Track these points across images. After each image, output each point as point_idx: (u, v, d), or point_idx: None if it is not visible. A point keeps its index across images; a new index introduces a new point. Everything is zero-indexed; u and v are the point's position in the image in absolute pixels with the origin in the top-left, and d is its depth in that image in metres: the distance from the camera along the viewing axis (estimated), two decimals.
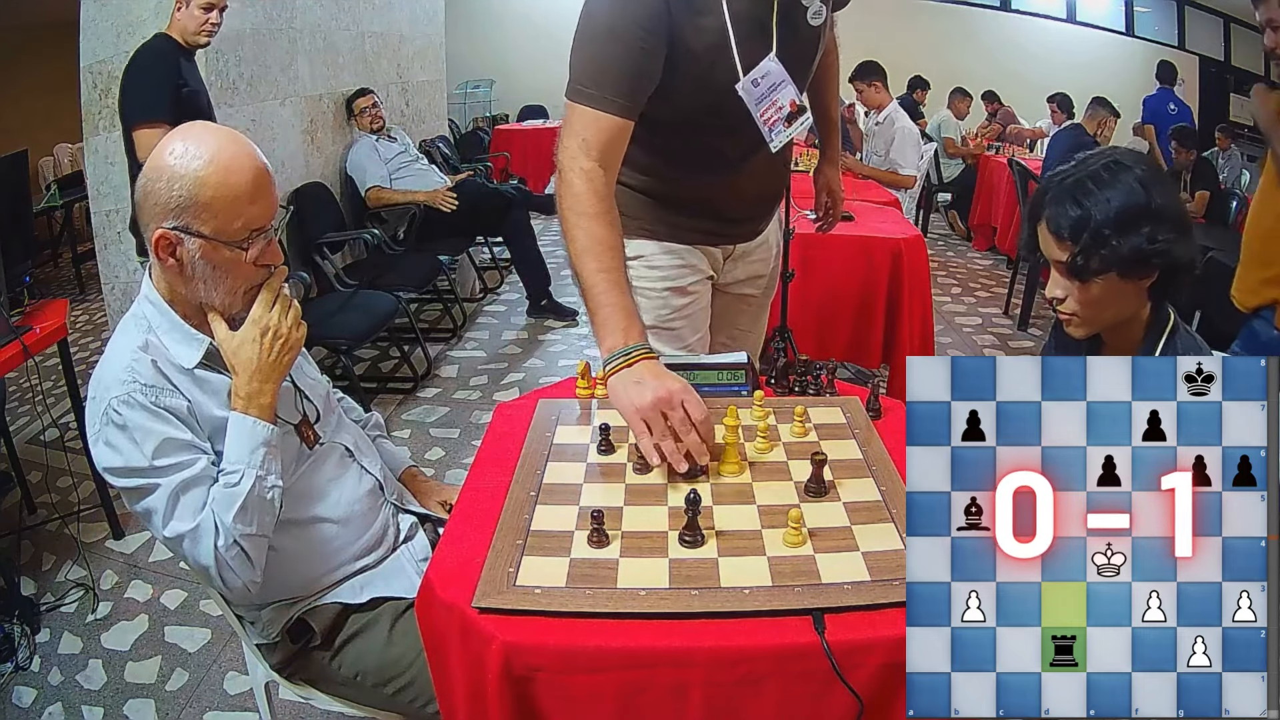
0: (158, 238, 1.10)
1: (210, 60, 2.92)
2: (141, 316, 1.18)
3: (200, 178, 1.09)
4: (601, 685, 0.92)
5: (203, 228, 1.10)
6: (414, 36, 5.66)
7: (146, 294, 1.19)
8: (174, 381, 1.15)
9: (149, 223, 1.11)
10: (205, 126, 1.15)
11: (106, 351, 1.18)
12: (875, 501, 1.16)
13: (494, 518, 1.11)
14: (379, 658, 1.24)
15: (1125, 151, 1.14)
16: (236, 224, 1.12)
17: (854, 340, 2.99)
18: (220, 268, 1.14)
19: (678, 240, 1.65)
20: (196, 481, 1.12)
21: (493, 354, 3.94)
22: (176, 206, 1.09)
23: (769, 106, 1.45)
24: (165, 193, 1.09)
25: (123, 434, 1.10)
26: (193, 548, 1.12)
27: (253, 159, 1.13)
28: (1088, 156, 1.14)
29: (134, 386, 1.10)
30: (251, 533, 1.13)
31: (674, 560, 1.03)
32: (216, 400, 1.18)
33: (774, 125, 1.47)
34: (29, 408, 3.32)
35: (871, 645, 0.91)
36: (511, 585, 0.98)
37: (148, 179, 1.11)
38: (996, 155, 5.90)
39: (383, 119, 4.30)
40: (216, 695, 1.87)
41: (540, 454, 1.29)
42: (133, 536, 2.46)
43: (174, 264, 1.13)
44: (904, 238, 2.92)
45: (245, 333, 1.16)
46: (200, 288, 1.15)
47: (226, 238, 1.12)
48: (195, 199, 1.09)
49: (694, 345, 1.75)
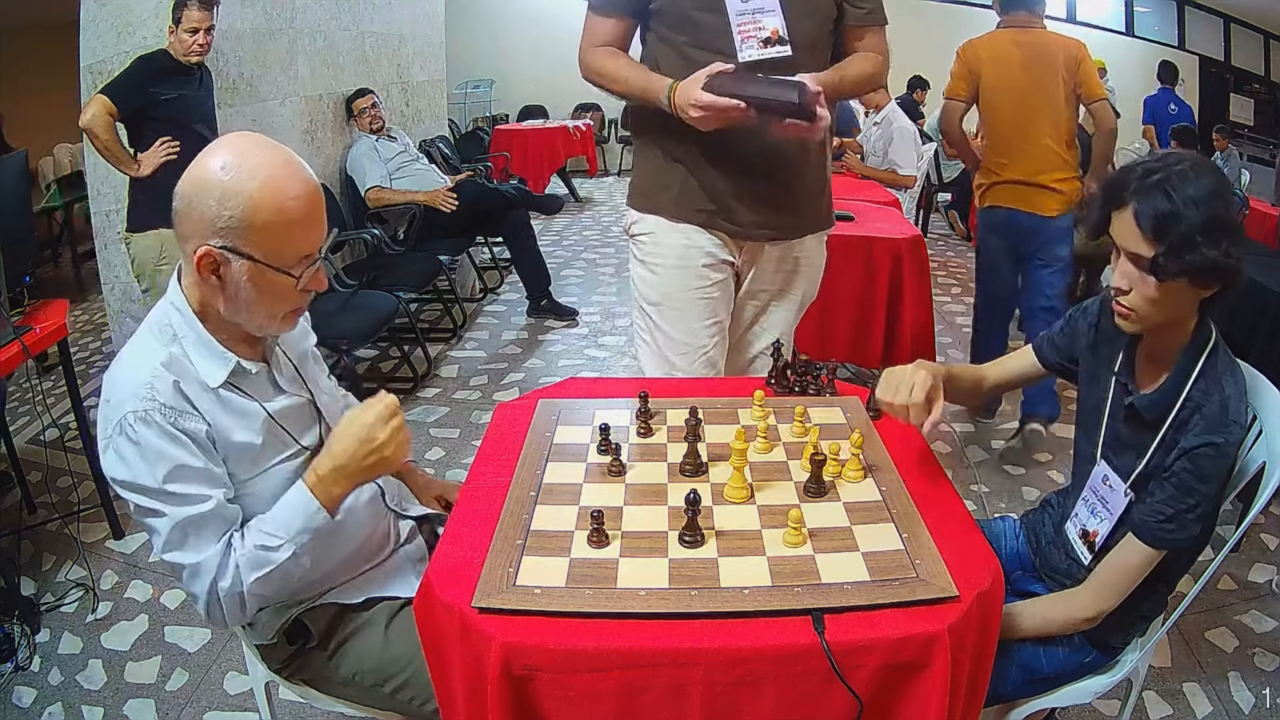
0: (202, 254, 1.04)
1: (210, 60, 2.93)
2: (167, 324, 1.12)
3: (254, 199, 1.03)
4: (601, 685, 0.92)
5: (253, 250, 1.05)
6: (414, 36, 5.66)
7: (174, 301, 1.13)
8: (196, 404, 1.09)
9: (190, 236, 1.05)
10: (258, 141, 1.08)
11: (126, 353, 1.13)
12: (875, 501, 1.16)
13: (494, 518, 1.12)
14: (376, 658, 1.23)
15: (1204, 159, 1.14)
16: (289, 250, 1.07)
17: (854, 340, 2.99)
18: (265, 291, 1.08)
19: (688, 220, 1.73)
20: (206, 520, 1.08)
21: (493, 354, 3.94)
22: (225, 226, 1.03)
23: (750, 23, 1.57)
24: (215, 209, 1.03)
25: (135, 450, 1.05)
26: (190, 580, 1.09)
27: (308, 182, 1.08)
28: (1168, 154, 1.13)
29: (152, 405, 1.05)
30: (262, 594, 1.12)
31: (674, 560, 1.03)
32: (238, 423, 1.13)
33: (748, 40, 1.58)
34: (29, 408, 3.32)
35: (871, 645, 0.91)
36: (511, 585, 0.98)
37: (192, 191, 1.04)
38: None
39: (382, 119, 4.30)
40: (216, 695, 1.87)
41: (540, 454, 1.29)
42: (133, 536, 2.46)
43: (215, 281, 1.07)
44: (904, 238, 2.92)
45: (357, 428, 1.12)
46: (239, 308, 1.09)
47: (276, 262, 1.07)
48: (247, 221, 1.03)
49: (699, 330, 1.76)
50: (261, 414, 1.15)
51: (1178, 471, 1.12)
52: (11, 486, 2.67)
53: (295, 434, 1.20)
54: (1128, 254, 1.11)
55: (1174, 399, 1.14)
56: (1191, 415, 1.12)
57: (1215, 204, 1.05)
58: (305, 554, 1.12)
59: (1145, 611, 1.27)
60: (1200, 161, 1.09)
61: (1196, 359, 1.14)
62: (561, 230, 6.48)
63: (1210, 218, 1.04)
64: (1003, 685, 1.24)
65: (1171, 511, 1.12)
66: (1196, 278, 1.07)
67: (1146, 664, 1.32)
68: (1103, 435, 1.26)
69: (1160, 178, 1.07)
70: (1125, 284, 1.12)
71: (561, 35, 1.24)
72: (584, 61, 1.72)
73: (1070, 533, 1.31)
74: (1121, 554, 1.18)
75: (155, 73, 2.69)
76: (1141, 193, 1.07)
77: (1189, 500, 1.11)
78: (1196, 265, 1.05)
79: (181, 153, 2.71)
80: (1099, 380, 1.28)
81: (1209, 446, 1.09)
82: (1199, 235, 1.03)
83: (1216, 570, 1.95)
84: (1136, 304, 1.12)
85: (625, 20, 1.70)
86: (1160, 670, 1.91)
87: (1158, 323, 1.14)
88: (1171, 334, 1.16)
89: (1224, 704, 1.82)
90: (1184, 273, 1.06)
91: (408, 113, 5.56)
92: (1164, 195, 1.06)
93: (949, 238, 6.34)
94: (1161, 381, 1.16)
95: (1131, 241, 1.09)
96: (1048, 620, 1.24)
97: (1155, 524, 1.13)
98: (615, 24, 1.69)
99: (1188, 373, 1.14)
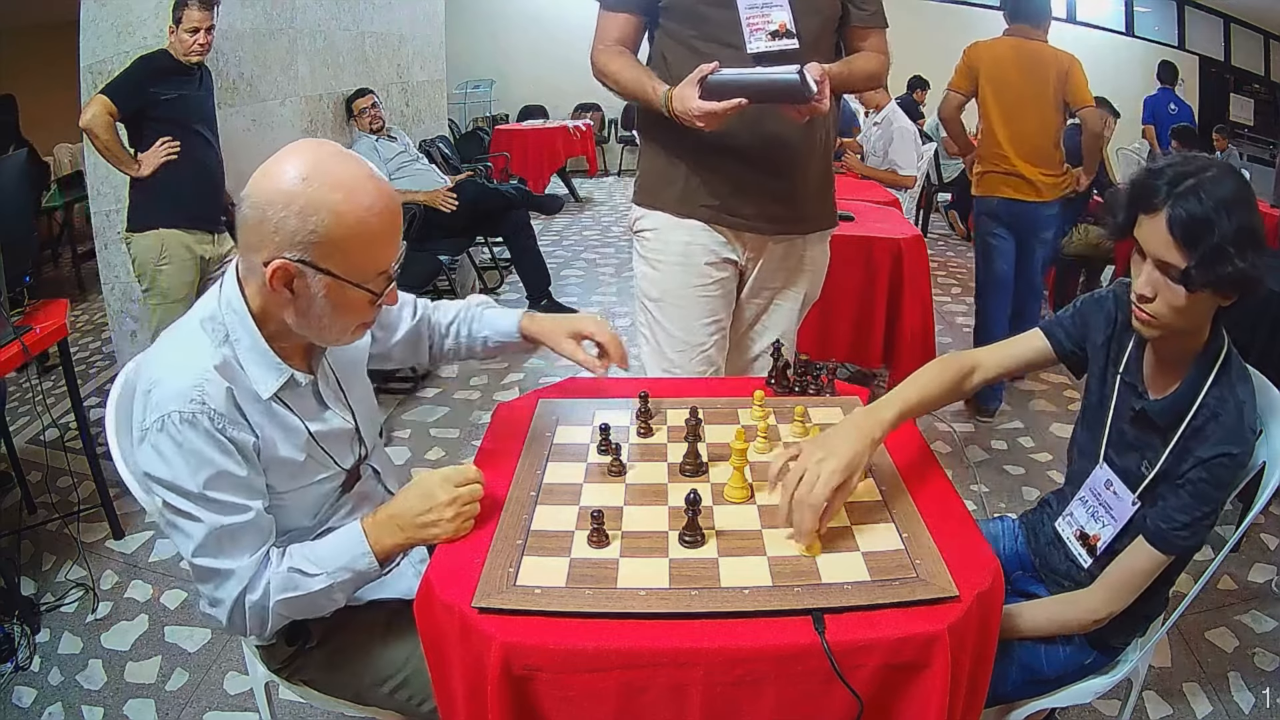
0: (276, 267, 1.00)
1: (210, 60, 2.93)
2: (220, 324, 1.08)
3: (338, 213, 0.99)
4: (601, 685, 0.92)
5: (332, 266, 1.01)
6: (414, 36, 5.66)
7: (231, 301, 1.08)
8: (247, 414, 1.06)
9: (262, 246, 1.01)
10: (336, 151, 1.04)
11: (171, 344, 1.10)
12: (875, 501, 1.16)
13: (494, 518, 1.12)
14: (375, 658, 1.23)
15: (1227, 164, 1.10)
16: (369, 265, 1.04)
17: (854, 340, 2.99)
18: (341, 306, 1.05)
19: (692, 216, 1.74)
20: (243, 531, 1.06)
21: None
22: (303, 241, 0.99)
23: (759, 16, 1.59)
24: (295, 223, 0.98)
25: (177, 450, 1.01)
26: (216, 586, 1.07)
27: (390, 196, 1.05)
28: (1195, 158, 1.08)
29: (201, 409, 1.02)
30: (285, 614, 1.11)
31: (674, 560, 1.03)
32: (283, 436, 1.11)
33: (756, 31, 1.60)
34: (29, 408, 3.32)
35: (871, 645, 0.91)
36: (511, 585, 0.98)
37: (266, 201, 0.99)
38: None
39: (382, 119, 4.30)
40: (216, 695, 1.87)
41: (540, 454, 1.29)
42: (133, 536, 2.46)
43: (288, 294, 1.03)
44: (904, 238, 2.92)
45: (424, 484, 1.10)
46: (311, 322, 1.06)
47: (355, 278, 1.03)
48: (330, 236, 0.99)
49: (698, 328, 1.77)
50: (304, 433, 1.14)
51: (1194, 480, 1.11)
52: (11, 486, 2.68)
53: (336, 456, 1.20)
54: (1156, 261, 1.07)
55: (1188, 406, 1.13)
56: (1207, 423, 1.11)
57: (1246, 212, 1.02)
58: (340, 591, 1.11)
59: (1146, 612, 1.27)
60: (1226, 165, 1.06)
61: (1210, 365, 1.13)
62: (561, 230, 6.48)
63: (1241, 227, 1.01)
64: (1003, 685, 1.24)
65: (1187, 519, 1.12)
66: (1223, 288, 1.05)
67: (1146, 664, 1.32)
68: (1107, 434, 1.26)
69: (1193, 184, 1.02)
70: (1150, 291, 1.08)
71: (561, 35, 1.24)
72: (594, 60, 1.73)
73: (1065, 531, 1.31)
74: (1133, 557, 1.17)
75: (155, 73, 2.69)
76: (1174, 199, 1.03)
77: (1204, 508, 1.11)
78: (1227, 277, 1.02)
79: (181, 153, 2.71)
80: (1105, 377, 1.28)
81: (1226, 456, 1.09)
82: (1231, 246, 1.00)
83: (1216, 570, 1.95)
84: (1161, 311, 1.08)
85: (636, 17, 1.71)
86: (1160, 670, 1.91)
87: (1177, 329, 1.11)
88: (1186, 340, 1.14)
89: (1224, 704, 1.82)
90: (1213, 284, 1.03)
91: (408, 113, 5.57)
92: (1197, 201, 1.01)
93: (949, 238, 6.34)
94: (1175, 387, 1.15)
95: (1162, 248, 1.05)
96: (1052, 620, 1.24)
97: (1170, 530, 1.13)
98: (626, 21, 1.71)
99: (1202, 379, 1.12)
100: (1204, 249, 1.01)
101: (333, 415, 1.20)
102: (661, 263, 1.78)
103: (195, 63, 2.75)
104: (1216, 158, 1.14)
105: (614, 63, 1.69)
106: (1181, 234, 1.02)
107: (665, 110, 1.57)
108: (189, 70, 2.75)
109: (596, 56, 1.72)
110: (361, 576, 1.12)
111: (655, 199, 1.77)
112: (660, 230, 1.77)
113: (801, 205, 1.77)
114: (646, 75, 1.64)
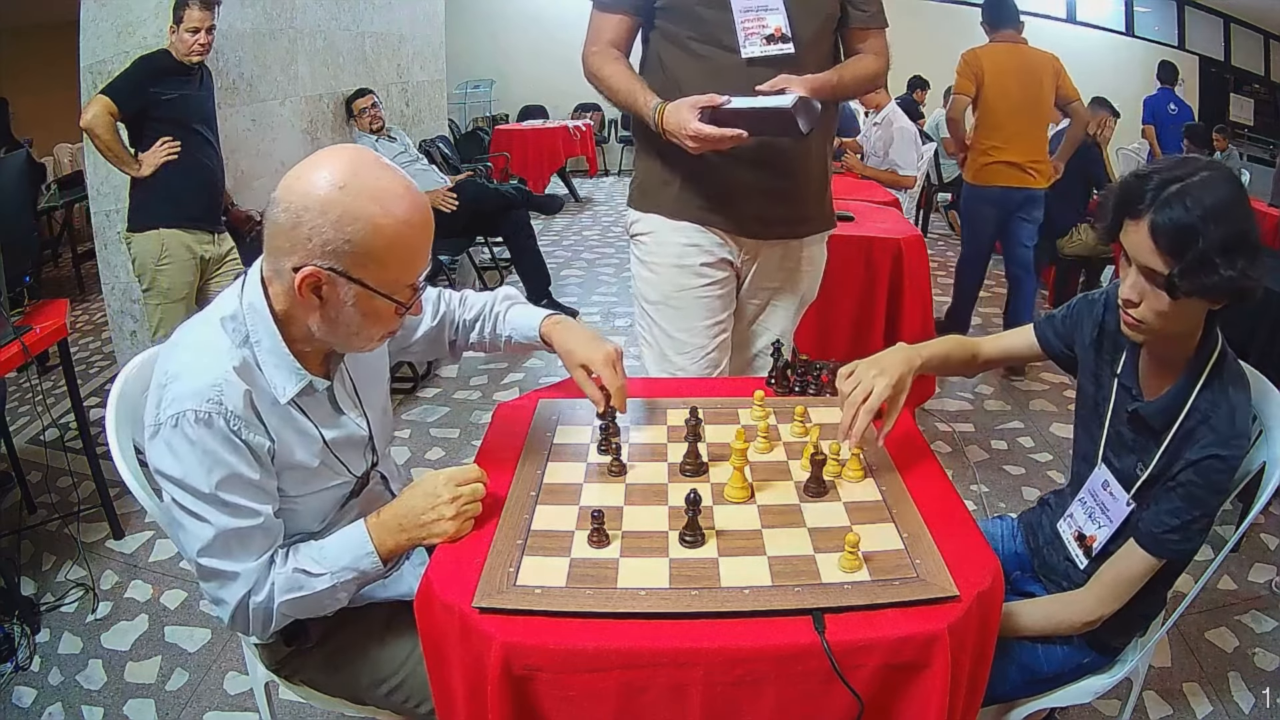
0: (306, 274, 0.99)
1: (210, 60, 2.93)
2: (242, 323, 1.06)
3: (376, 225, 0.98)
4: (601, 685, 0.92)
5: (365, 276, 1.00)
6: (414, 36, 5.66)
7: (254, 302, 1.06)
8: (264, 418, 1.06)
9: (293, 251, 0.99)
10: (374, 160, 1.02)
11: (188, 339, 1.08)
12: (875, 501, 1.16)
13: (494, 518, 1.12)
14: (373, 658, 1.24)
15: (1222, 165, 1.08)
16: (401, 277, 1.04)
17: (854, 340, 2.98)
18: (368, 316, 1.04)
19: (688, 218, 1.73)
20: (251, 535, 1.05)
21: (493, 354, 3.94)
22: (338, 250, 0.98)
23: (753, 19, 1.59)
24: (331, 231, 0.97)
25: (191, 448, 1.00)
26: (220, 586, 1.06)
27: (425, 209, 1.04)
28: (1186, 160, 1.06)
29: (217, 409, 1.00)
30: (289, 614, 1.11)
31: (674, 560, 1.03)
32: (298, 441, 1.10)
33: (751, 36, 1.60)
34: (29, 408, 3.32)
35: (871, 645, 0.91)
36: (511, 585, 0.98)
37: (303, 207, 0.97)
38: None
39: (382, 119, 4.30)
40: (216, 695, 1.87)
41: (540, 454, 1.29)
42: (133, 536, 2.46)
43: (315, 301, 1.02)
44: (904, 238, 2.92)
45: (427, 483, 1.10)
46: (336, 329, 1.05)
47: (386, 289, 1.03)
48: (365, 247, 0.98)
49: (699, 330, 1.77)
50: (319, 439, 1.14)
51: (1184, 483, 1.10)
52: (11, 486, 2.68)
53: (348, 463, 1.20)
54: (1141, 267, 1.06)
55: (1180, 408, 1.12)
56: (1198, 426, 1.11)
57: (1236, 218, 1.00)
58: (343, 590, 1.11)
59: (1145, 612, 1.27)
60: (1219, 169, 1.04)
61: (1202, 368, 1.12)
62: (561, 230, 6.48)
63: (1229, 234, 0.99)
64: (1002, 685, 1.24)
65: (1178, 523, 1.11)
66: (1210, 296, 1.03)
67: (1146, 664, 1.32)
68: (1105, 436, 1.26)
69: (1179, 190, 1.00)
70: (1135, 296, 1.07)
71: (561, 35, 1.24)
72: (586, 62, 1.72)
73: (1065, 532, 1.31)
74: (1125, 560, 1.17)
75: (156, 73, 2.69)
76: (1158, 205, 1.01)
77: (1195, 512, 1.11)
78: (1213, 285, 1.00)
79: (182, 153, 2.72)
80: (1100, 379, 1.28)
81: (1215, 459, 1.08)
82: (1217, 256, 0.98)
83: (1216, 570, 1.95)
84: (1146, 316, 1.08)
85: (631, 18, 1.70)
86: (1160, 670, 1.91)
87: (1167, 333, 1.11)
88: (1178, 343, 1.13)
89: (1224, 704, 1.82)
90: (1198, 292, 1.02)
91: (408, 113, 5.57)
92: (1183, 208, 0.99)
93: (949, 238, 6.34)
94: (1168, 390, 1.15)
95: (1146, 255, 1.04)
96: (1048, 619, 1.24)
97: (1160, 534, 1.13)
98: (620, 22, 1.70)
99: (1194, 382, 1.12)
100: (1188, 257, 0.99)
101: (348, 421, 1.20)
102: (659, 266, 1.77)
103: (196, 63, 2.75)
104: (1214, 160, 1.11)
105: (607, 68, 1.68)
106: (1165, 241, 1.01)
107: (653, 124, 1.57)
108: (189, 70, 2.75)
109: (589, 58, 1.71)
110: (365, 576, 1.12)
111: (651, 202, 1.77)
112: (656, 233, 1.76)
113: (800, 207, 1.77)
114: (639, 85, 1.64)
